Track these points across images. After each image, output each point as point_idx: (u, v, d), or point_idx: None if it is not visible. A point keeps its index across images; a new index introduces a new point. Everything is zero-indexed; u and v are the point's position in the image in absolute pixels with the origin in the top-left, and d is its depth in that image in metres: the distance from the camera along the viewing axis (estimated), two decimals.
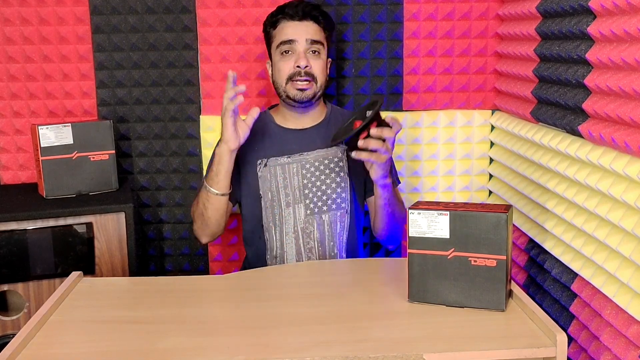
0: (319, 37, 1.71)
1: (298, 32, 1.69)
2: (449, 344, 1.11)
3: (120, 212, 1.82)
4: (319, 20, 1.72)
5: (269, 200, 1.73)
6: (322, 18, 1.73)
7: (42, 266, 1.77)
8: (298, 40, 1.68)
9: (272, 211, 1.73)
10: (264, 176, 1.73)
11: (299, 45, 1.69)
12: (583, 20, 1.49)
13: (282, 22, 1.72)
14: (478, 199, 2.22)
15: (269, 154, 1.74)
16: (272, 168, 1.73)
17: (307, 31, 1.69)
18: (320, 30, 1.72)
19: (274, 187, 1.72)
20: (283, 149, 1.75)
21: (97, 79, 2.07)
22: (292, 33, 1.69)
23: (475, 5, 2.07)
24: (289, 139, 1.76)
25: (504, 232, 1.20)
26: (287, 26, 1.71)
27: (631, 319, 1.29)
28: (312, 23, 1.71)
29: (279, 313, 1.26)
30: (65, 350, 1.13)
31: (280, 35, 1.71)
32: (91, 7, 2.02)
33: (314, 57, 1.70)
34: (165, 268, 2.22)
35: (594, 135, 1.44)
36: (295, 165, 1.73)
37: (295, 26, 1.70)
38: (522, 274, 1.87)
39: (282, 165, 1.73)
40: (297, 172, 1.73)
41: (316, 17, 1.72)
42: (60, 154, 1.88)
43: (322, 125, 1.78)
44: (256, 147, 1.74)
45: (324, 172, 1.73)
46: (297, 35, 1.69)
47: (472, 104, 2.15)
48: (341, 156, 1.75)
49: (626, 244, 1.31)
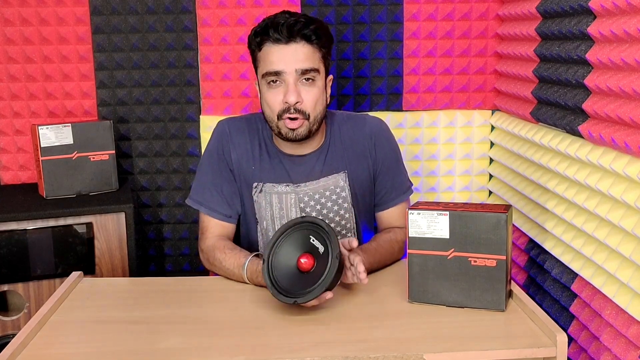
0: (312, 64, 1.41)
1: (286, 60, 1.40)
2: (449, 344, 1.11)
3: (120, 213, 1.82)
4: (312, 40, 1.41)
5: (264, 228, 1.57)
6: (315, 37, 1.41)
7: (42, 266, 1.77)
8: (286, 71, 1.40)
9: (267, 238, 1.57)
10: (259, 202, 1.56)
11: (288, 76, 1.40)
12: (583, 20, 1.49)
13: (266, 45, 1.42)
14: (478, 199, 2.22)
15: (265, 179, 1.55)
16: (269, 195, 1.55)
17: (296, 59, 1.40)
18: (314, 52, 1.42)
19: (269, 216, 1.56)
20: (281, 176, 1.55)
21: (97, 79, 2.08)
22: (279, 62, 1.40)
23: (475, 6, 2.07)
24: (287, 166, 1.55)
25: (503, 232, 1.20)
26: (272, 51, 1.41)
27: (631, 319, 1.29)
28: (303, 45, 1.40)
29: (279, 313, 1.25)
30: (65, 350, 1.13)
31: (265, 64, 1.43)
32: (91, 8, 2.02)
33: (307, 86, 1.42)
34: (165, 268, 2.22)
35: (594, 135, 1.44)
36: (293, 197, 1.54)
37: (282, 51, 1.40)
38: (522, 274, 1.87)
39: (279, 194, 1.54)
40: (295, 204, 1.55)
41: (308, 36, 1.40)
42: (60, 154, 1.88)
43: (322, 150, 1.57)
44: (253, 166, 1.56)
45: (326, 205, 1.56)
46: (284, 64, 1.40)
47: (472, 104, 2.15)
48: (343, 185, 1.56)
49: (626, 244, 1.31)
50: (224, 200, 1.56)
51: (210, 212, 1.56)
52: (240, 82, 2.09)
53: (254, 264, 1.39)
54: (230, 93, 2.10)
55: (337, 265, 1.20)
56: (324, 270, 1.21)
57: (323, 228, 1.25)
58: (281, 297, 1.21)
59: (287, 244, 1.28)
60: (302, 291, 1.20)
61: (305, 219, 1.28)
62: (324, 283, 1.19)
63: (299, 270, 1.25)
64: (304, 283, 1.22)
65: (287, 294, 1.21)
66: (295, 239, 1.28)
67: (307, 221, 1.28)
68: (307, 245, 1.27)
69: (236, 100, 2.11)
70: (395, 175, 1.62)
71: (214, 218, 1.56)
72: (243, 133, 1.58)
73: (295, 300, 1.19)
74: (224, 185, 1.56)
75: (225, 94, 2.10)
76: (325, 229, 1.24)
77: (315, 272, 1.23)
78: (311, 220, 1.27)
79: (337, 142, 1.58)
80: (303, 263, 1.25)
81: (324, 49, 1.46)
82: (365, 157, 1.58)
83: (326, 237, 1.24)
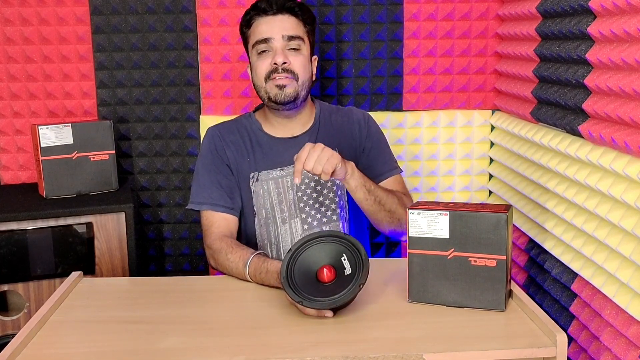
0: (298, 32, 1.55)
1: (273, 28, 1.54)
2: (449, 344, 1.11)
3: (120, 212, 1.82)
4: (296, 13, 1.56)
5: (263, 217, 1.61)
6: (300, 10, 1.56)
7: (42, 266, 1.77)
8: (274, 37, 1.53)
9: (266, 229, 1.62)
10: (257, 192, 1.61)
11: (276, 42, 1.53)
12: (583, 20, 1.49)
13: (256, 19, 1.56)
14: (478, 199, 2.22)
15: (260, 167, 1.61)
16: (265, 183, 1.60)
17: (283, 26, 1.54)
18: (298, 24, 1.56)
19: (268, 204, 1.60)
20: (274, 161, 1.61)
21: (97, 79, 2.08)
22: (267, 30, 1.54)
23: (475, 6, 2.07)
24: (280, 150, 1.62)
25: (504, 232, 1.20)
26: (261, 23, 1.55)
27: (631, 319, 1.29)
28: (289, 16, 1.55)
29: (279, 313, 1.26)
30: (65, 350, 1.13)
31: (254, 34, 1.56)
32: (91, 8, 2.02)
33: (293, 53, 1.55)
34: (165, 268, 2.22)
35: (594, 135, 1.44)
36: (289, 179, 1.60)
37: (270, 22, 1.54)
38: (522, 274, 1.87)
39: (275, 179, 1.60)
40: (292, 186, 1.60)
41: (292, 8, 1.55)
42: (61, 154, 1.88)
43: (312, 131, 1.65)
44: (248, 157, 1.63)
45: (319, 182, 1.61)
46: (272, 32, 1.53)
47: (472, 104, 2.15)
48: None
49: (626, 244, 1.31)
50: (224, 193, 1.60)
51: (214, 207, 1.58)
52: (240, 82, 2.09)
53: (257, 261, 1.39)
54: (230, 93, 2.10)
55: (355, 293, 1.20)
56: (340, 291, 1.20)
57: (360, 255, 1.24)
58: (289, 290, 1.21)
59: (319, 248, 1.28)
60: (310, 296, 1.20)
61: (349, 239, 1.27)
62: (334, 302, 1.19)
63: (317, 277, 1.25)
64: (314, 290, 1.22)
65: (295, 292, 1.21)
66: (329, 249, 1.28)
67: (350, 241, 1.27)
68: (336, 261, 1.26)
69: (236, 100, 2.11)
70: (384, 154, 1.69)
71: (217, 212, 1.58)
72: (233, 132, 1.66)
73: (301, 300, 1.19)
74: (222, 180, 1.61)
75: (225, 94, 2.10)
76: (362, 257, 1.23)
77: (330, 287, 1.23)
78: (353, 242, 1.26)
79: (327, 125, 1.67)
80: (324, 273, 1.24)
81: (308, 25, 1.59)
82: (354, 139, 1.66)
83: (358, 264, 1.23)
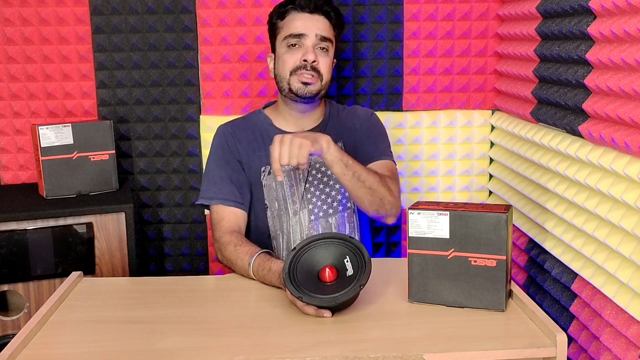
0: (329, 34, 1.61)
1: (308, 25, 1.59)
2: (449, 344, 1.11)
3: (120, 212, 1.82)
4: (331, 16, 1.62)
5: (276, 209, 1.64)
6: (335, 14, 1.63)
7: (42, 266, 1.77)
8: (308, 34, 1.58)
9: (279, 220, 1.65)
10: (269, 185, 1.65)
11: (308, 40, 1.58)
12: (583, 20, 1.49)
13: (291, 14, 1.61)
14: (478, 199, 2.22)
15: None
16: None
17: (317, 26, 1.59)
18: (330, 27, 1.62)
19: (281, 196, 1.64)
20: None
21: (98, 79, 2.08)
22: (302, 26, 1.58)
23: (476, 6, 2.07)
24: None
25: (504, 232, 1.20)
26: (296, 18, 1.59)
27: (631, 319, 1.29)
28: (324, 18, 1.61)
29: (279, 313, 1.26)
30: (65, 350, 1.13)
31: (288, 28, 1.60)
32: (91, 8, 2.02)
33: (322, 53, 1.60)
34: (166, 268, 2.22)
35: (594, 135, 1.44)
36: (302, 171, 1.65)
37: (306, 19, 1.59)
38: (522, 274, 1.87)
39: (287, 171, 1.64)
40: (303, 177, 1.65)
41: (328, 12, 1.62)
42: (61, 154, 1.88)
43: (321, 126, 1.70)
44: (259, 152, 1.66)
45: (326, 173, 1.66)
46: (307, 29, 1.58)
47: (472, 104, 2.15)
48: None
49: (626, 244, 1.31)
50: (235, 188, 1.63)
51: (224, 202, 1.61)
52: (240, 82, 2.09)
53: (262, 258, 1.41)
54: (230, 93, 2.10)
55: (355, 293, 1.21)
56: (340, 290, 1.21)
57: (364, 258, 1.25)
58: (290, 286, 1.22)
59: (323, 249, 1.29)
60: (309, 292, 1.21)
61: (354, 242, 1.28)
62: (333, 300, 1.20)
63: (319, 276, 1.26)
64: (315, 288, 1.23)
65: (296, 288, 1.22)
66: (333, 250, 1.29)
67: (354, 244, 1.28)
68: (338, 262, 1.27)
69: (236, 100, 2.11)
70: (378, 142, 1.71)
71: (227, 206, 1.61)
72: (244, 128, 1.69)
73: (301, 296, 1.20)
74: (232, 175, 1.64)
75: (225, 94, 2.10)
76: (365, 259, 1.24)
77: (331, 287, 1.24)
78: (357, 245, 1.27)
79: (335, 121, 1.73)
80: (326, 273, 1.26)
81: (336, 30, 1.65)
82: (356, 132, 1.72)
83: (361, 266, 1.24)
